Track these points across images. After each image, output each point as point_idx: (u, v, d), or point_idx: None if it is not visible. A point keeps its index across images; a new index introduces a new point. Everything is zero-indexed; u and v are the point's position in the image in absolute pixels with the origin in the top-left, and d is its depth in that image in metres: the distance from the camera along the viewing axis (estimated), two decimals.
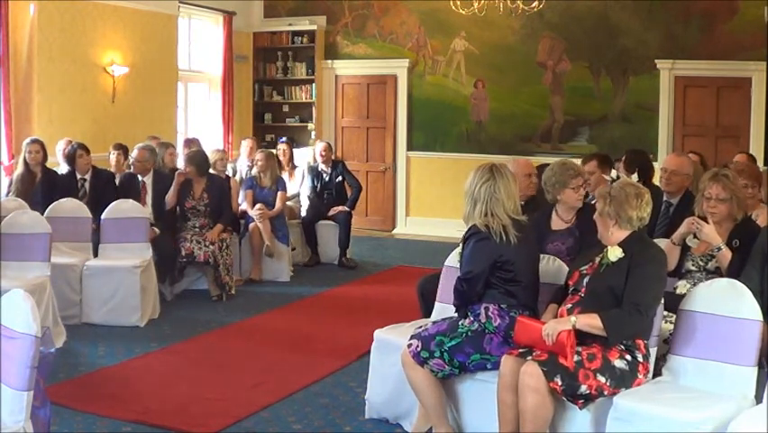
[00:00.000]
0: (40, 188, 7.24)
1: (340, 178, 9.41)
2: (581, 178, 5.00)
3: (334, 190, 9.35)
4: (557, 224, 4.96)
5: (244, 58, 12.05)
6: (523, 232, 4.05)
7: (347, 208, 9.26)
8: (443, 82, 11.53)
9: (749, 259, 4.13)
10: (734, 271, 4.09)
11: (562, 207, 4.97)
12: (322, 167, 9.41)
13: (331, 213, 9.18)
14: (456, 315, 4.17)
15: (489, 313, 4.00)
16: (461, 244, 4.20)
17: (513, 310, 3.98)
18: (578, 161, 5.83)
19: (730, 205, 4.33)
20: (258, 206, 8.28)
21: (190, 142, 9.01)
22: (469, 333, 3.99)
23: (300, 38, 12.06)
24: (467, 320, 4.04)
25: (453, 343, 3.98)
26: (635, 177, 7.00)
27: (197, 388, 5.08)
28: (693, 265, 4.41)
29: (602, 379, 3.61)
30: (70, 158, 7.39)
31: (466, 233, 4.09)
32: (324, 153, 9.36)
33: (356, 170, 10.99)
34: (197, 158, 7.66)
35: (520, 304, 4.01)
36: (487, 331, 3.98)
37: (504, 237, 3.96)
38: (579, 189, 4.93)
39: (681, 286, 4.38)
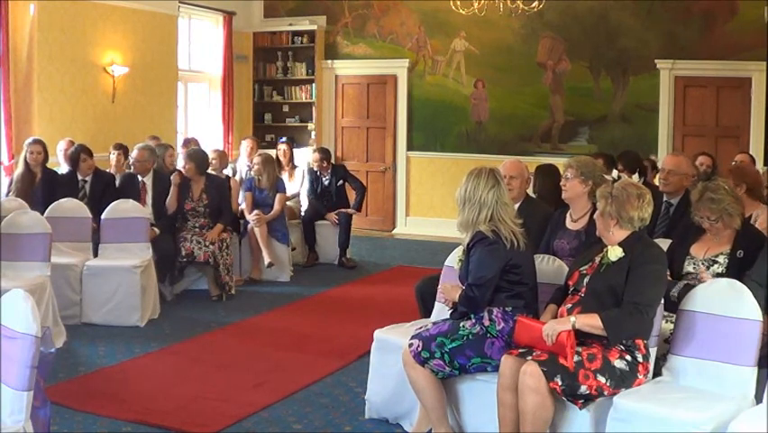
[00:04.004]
0: (40, 187, 7.24)
1: (341, 182, 9.39)
2: (565, 173, 4.97)
3: (334, 195, 9.33)
4: (569, 222, 4.97)
5: (244, 58, 12.05)
6: (525, 237, 4.10)
7: (351, 211, 9.26)
8: (443, 82, 11.53)
9: (760, 258, 4.11)
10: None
11: (571, 205, 4.98)
12: (319, 172, 9.38)
13: (331, 215, 9.15)
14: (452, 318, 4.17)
15: (493, 316, 3.99)
16: (461, 251, 4.19)
17: (517, 313, 3.98)
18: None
19: (722, 221, 4.34)
20: (255, 212, 8.28)
21: (188, 142, 9.03)
22: (470, 336, 3.98)
23: (300, 38, 12.07)
24: (468, 322, 4.03)
25: (454, 345, 3.98)
26: (635, 177, 7.01)
27: (197, 388, 5.07)
28: (694, 268, 4.41)
29: (602, 379, 3.61)
30: (73, 160, 7.38)
31: (471, 240, 4.05)
32: (317, 164, 9.32)
33: (356, 170, 11.00)
34: (197, 156, 7.66)
35: (525, 306, 4.03)
36: (489, 335, 3.97)
37: (515, 242, 3.99)
38: (563, 184, 4.93)
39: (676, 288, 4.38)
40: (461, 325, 4.03)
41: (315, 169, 9.38)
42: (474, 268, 4.01)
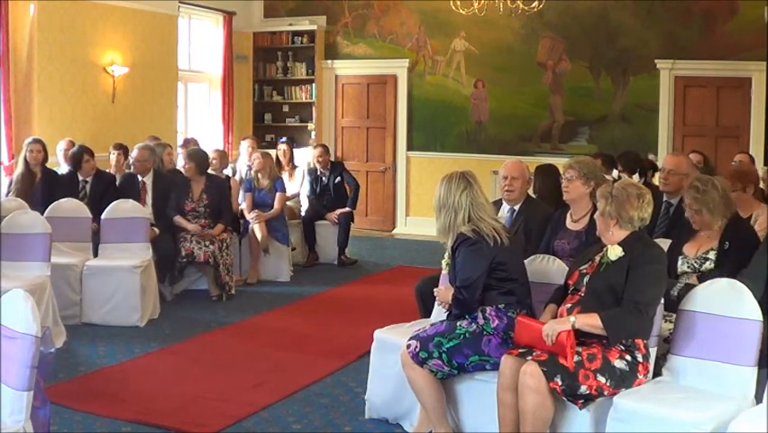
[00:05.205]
0: (40, 188, 7.24)
1: (339, 179, 9.41)
2: (566, 174, 4.97)
3: (333, 192, 9.36)
4: (570, 222, 4.97)
5: (244, 58, 12.05)
6: (509, 233, 4.13)
7: (348, 209, 9.27)
8: (443, 82, 11.53)
9: (757, 254, 4.12)
10: (727, 273, 4.07)
11: (573, 206, 4.97)
12: (320, 170, 9.41)
13: (331, 216, 9.16)
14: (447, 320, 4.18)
15: (487, 315, 4.01)
16: (448, 256, 4.20)
17: (511, 310, 4.00)
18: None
19: (702, 216, 4.37)
20: (254, 212, 8.29)
21: (188, 142, 9.03)
22: (467, 334, 3.99)
23: (300, 38, 12.07)
24: (465, 321, 4.05)
25: (452, 344, 3.98)
26: (635, 177, 7.01)
27: (197, 388, 5.07)
28: (688, 267, 4.42)
29: (602, 379, 3.61)
30: (75, 160, 7.38)
31: (454, 243, 4.08)
32: (321, 159, 9.36)
33: (356, 170, 11.02)
34: (197, 156, 7.66)
35: (518, 301, 4.04)
36: (485, 332, 3.98)
37: (499, 240, 4.01)
38: (565, 186, 4.93)
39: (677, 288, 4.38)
40: (458, 324, 4.04)
41: (317, 164, 9.40)
42: (460, 270, 4.04)
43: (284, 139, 10.44)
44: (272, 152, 9.35)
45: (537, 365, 3.60)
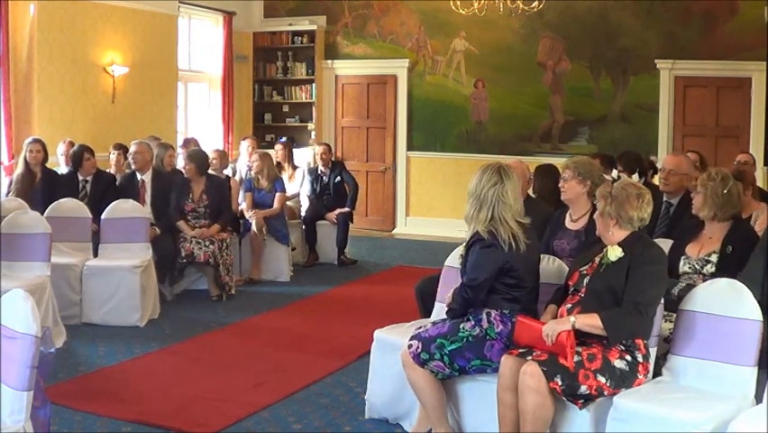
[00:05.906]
0: (40, 188, 7.24)
1: (338, 178, 9.42)
2: (563, 174, 4.98)
3: (333, 191, 9.37)
4: (569, 222, 4.96)
5: (244, 58, 12.05)
6: (530, 238, 4.02)
7: (347, 209, 9.27)
8: (443, 82, 11.53)
9: (753, 255, 4.12)
10: (729, 276, 4.05)
11: (571, 206, 4.97)
12: (321, 169, 9.42)
13: (330, 215, 9.17)
14: (447, 316, 4.16)
15: (492, 318, 3.98)
16: (463, 248, 4.18)
17: (515, 316, 3.96)
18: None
19: (698, 196, 4.43)
20: (253, 211, 8.30)
21: (188, 142, 9.04)
22: (470, 338, 3.97)
23: (300, 38, 12.07)
24: (468, 324, 4.02)
25: (454, 347, 3.97)
26: (635, 177, 7.01)
27: (197, 388, 5.07)
28: (689, 268, 4.41)
29: (602, 379, 3.61)
30: (76, 160, 7.38)
31: (470, 239, 4.03)
32: (324, 156, 9.38)
33: (356, 170, 11.01)
34: (197, 157, 7.66)
35: (522, 309, 3.99)
36: (488, 337, 3.96)
37: (514, 245, 3.91)
38: (562, 185, 4.93)
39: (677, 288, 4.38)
40: (461, 326, 4.02)
41: (319, 161, 9.42)
42: (469, 269, 4.01)
43: (283, 139, 10.44)
44: (272, 153, 9.36)
45: (537, 365, 3.60)
